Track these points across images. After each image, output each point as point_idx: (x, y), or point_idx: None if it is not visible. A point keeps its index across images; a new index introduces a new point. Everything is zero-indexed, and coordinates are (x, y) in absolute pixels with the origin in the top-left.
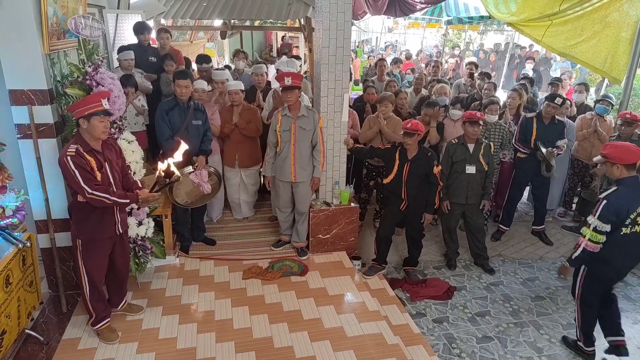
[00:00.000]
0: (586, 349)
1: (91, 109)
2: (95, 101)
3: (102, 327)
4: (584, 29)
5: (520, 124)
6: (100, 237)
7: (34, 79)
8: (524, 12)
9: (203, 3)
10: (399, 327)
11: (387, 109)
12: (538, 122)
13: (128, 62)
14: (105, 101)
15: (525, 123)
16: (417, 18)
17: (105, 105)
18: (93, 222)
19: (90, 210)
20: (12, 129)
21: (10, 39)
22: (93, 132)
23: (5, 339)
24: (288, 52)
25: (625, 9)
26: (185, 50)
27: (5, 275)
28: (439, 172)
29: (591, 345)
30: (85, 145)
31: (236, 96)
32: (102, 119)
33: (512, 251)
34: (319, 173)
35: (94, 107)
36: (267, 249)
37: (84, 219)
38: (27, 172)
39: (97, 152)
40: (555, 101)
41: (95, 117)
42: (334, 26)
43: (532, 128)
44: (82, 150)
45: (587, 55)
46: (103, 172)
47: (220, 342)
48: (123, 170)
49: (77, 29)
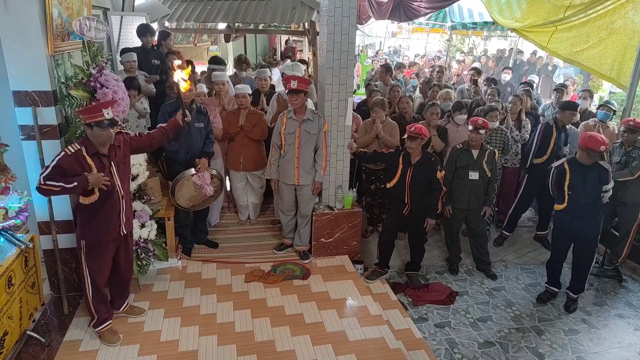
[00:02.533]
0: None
1: (92, 119)
2: (96, 111)
3: (104, 329)
4: (590, 35)
5: (541, 131)
6: (105, 238)
7: (38, 80)
8: (529, 19)
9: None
10: (401, 331)
11: (379, 115)
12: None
13: (130, 63)
14: (108, 111)
15: (545, 130)
16: (421, 23)
17: (108, 115)
18: (97, 224)
19: (94, 212)
20: (16, 130)
21: (15, 41)
22: (96, 139)
23: (7, 340)
24: (292, 56)
25: (630, 17)
26: (188, 52)
27: (8, 277)
28: (442, 177)
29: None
30: (91, 147)
31: (243, 99)
32: (105, 128)
33: (514, 256)
34: (321, 177)
35: (95, 117)
36: (270, 252)
37: (88, 221)
38: (30, 174)
39: (102, 155)
40: (578, 109)
41: (97, 127)
42: (338, 30)
43: (551, 135)
44: (85, 153)
45: (593, 61)
46: (105, 173)
47: (222, 345)
48: (135, 145)
49: (81, 31)
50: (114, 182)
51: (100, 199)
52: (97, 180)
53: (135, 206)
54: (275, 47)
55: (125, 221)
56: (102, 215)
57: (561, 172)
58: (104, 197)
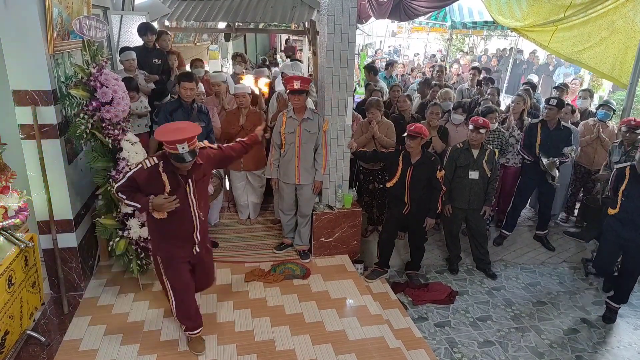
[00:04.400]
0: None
1: (169, 150)
2: (172, 146)
3: (193, 336)
4: (591, 34)
5: (525, 129)
6: (176, 256)
7: (38, 79)
8: (529, 18)
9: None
10: (401, 331)
11: (374, 115)
12: (542, 128)
13: (130, 62)
14: (184, 145)
15: (529, 129)
16: (421, 22)
17: (182, 150)
18: (167, 241)
19: (164, 229)
20: (16, 129)
21: (14, 40)
22: (174, 164)
23: (7, 339)
24: (292, 55)
25: (631, 16)
26: (189, 52)
27: (8, 276)
28: (441, 176)
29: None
30: (169, 163)
31: (243, 99)
32: (180, 161)
33: (514, 256)
34: (321, 176)
35: (171, 149)
36: (270, 251)
37: (158, 237)
38: (29, 173)
39: (181, 175)
40: (550, 103)
41: (174, 159)
42: (338, 30)
43: (536, 134)
44: (161, 169)
45: (594, 61)
46: (179, 192)
47: (222, 344)
48: (217, 160)
49: (81, 30)
50: (189, 201)
51: (172, 217)
52: (160, 205)
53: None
54: (276, 47)
55: (199, 240)
56: (172, 233)
57: (620, 176)
58: (176, 216)
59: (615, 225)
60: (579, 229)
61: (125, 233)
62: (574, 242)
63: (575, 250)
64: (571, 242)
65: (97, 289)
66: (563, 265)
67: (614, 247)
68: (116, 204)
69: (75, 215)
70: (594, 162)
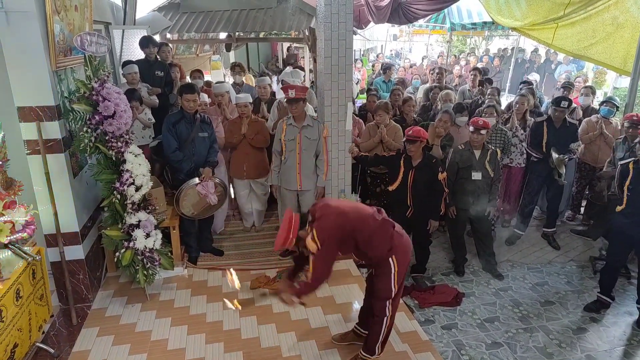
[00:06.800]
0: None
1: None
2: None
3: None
4: (596, 30)
5: (531, 128)
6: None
7: (41, 95)
8: (529, 17)
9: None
10: (407, 334)
11: (382, 118)
12: (549, 126)
13: (132, 75)
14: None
15: (535, 128)
16: (422, 25)
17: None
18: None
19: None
20: (21, 144)
21: (18, 57)
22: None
23: (17, 352)
24: (293, 63)
25: (632, 11)
26: (191, 63)
27: (16, 289)
28: (444, 178)
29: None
30: None
31: (245, 108)
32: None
33: (520, 256)
34: (323, 182)
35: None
36: (275, 258)
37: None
38: (36, 187)
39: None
40: (561, 105)
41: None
42: (335, 36)
43: (542, 132)
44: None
45: (604, 55)
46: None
47: (228, 352)
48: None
49: (83, 46)
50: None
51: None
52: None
53: (140, 216)
54: (277, 55)
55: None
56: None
57: (625, 172)
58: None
59: (623, 222)
60: (585, 227)
61: (131, 244)
62: (581, 240)
63: (583, 248)
64: (578, 240)
65: (105, 300)
66: (571, 264)
67: (624, 246)
68: (121, 215)
69: (82, 228)
70: (598, 159)
